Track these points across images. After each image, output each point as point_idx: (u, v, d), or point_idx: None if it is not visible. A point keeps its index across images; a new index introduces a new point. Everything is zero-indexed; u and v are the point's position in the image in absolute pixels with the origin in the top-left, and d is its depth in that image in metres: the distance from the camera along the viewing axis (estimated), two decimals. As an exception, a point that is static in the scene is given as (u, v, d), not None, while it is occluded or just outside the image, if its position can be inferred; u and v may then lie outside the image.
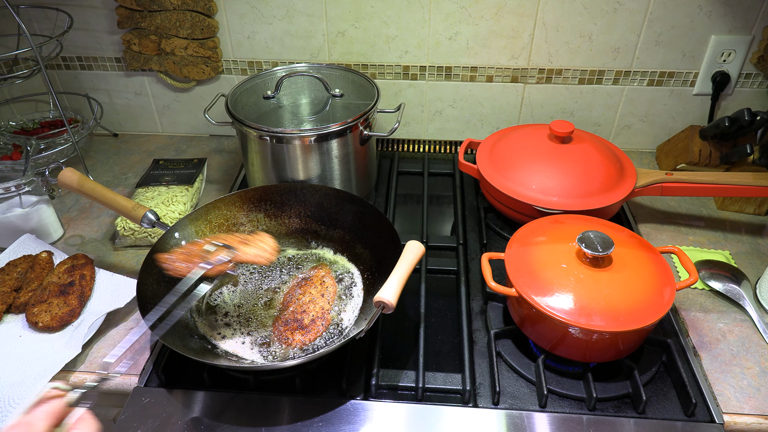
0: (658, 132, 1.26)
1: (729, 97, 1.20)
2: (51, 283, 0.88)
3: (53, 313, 0.84)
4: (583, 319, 0.70)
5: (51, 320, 0.83)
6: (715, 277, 0.92)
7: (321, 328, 0.82)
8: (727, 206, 1.09)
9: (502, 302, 0.89)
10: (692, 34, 1.12)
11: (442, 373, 0.79)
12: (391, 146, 1.32)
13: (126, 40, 1.20)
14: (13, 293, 0.88)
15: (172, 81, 1.26)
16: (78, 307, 0.85)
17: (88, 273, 0.90)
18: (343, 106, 1.03)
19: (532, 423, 0.72)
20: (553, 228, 0.85)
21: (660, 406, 0.74)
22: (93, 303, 0.88)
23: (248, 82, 1.09)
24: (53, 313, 0.84)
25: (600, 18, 1.11)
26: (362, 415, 0.73)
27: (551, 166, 0.98)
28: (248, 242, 0.79)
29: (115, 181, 1.20)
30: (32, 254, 0.94)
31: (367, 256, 0.92)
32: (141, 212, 0.88)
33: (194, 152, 1.30)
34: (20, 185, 0.97)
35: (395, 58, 1.20)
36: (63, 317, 0.84)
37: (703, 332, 0.85)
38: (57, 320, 0.83)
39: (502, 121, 1.27)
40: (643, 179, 1.00)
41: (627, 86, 1.20)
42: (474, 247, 1.02)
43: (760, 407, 0.74)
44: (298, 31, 1.18)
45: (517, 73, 1.20)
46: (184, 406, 0.74)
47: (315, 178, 1.01)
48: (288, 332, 0.81)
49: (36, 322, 0.83)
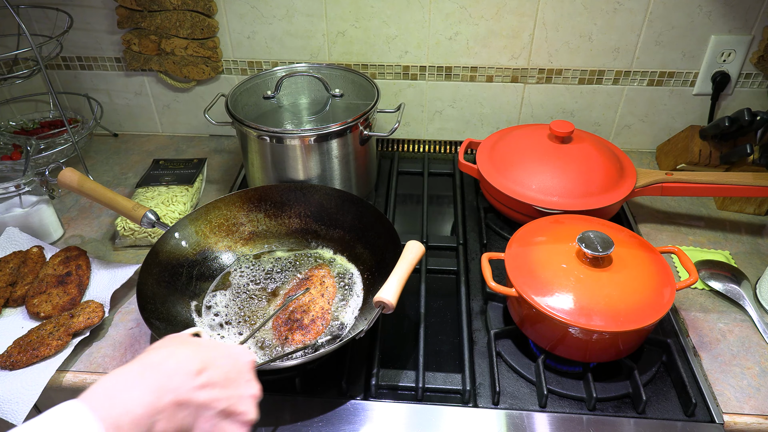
0: (658, 132, 1.26)
1: (729, 97, 1.20)
2: (47, 275, 0.89)
3: (54, 302, 0.85)
4: (583, 319, 0.70)
5: (53, 309, 0.84)
6: (715, 277, 0.92)
7: (321, 327, 0.82)
8: (727, 206, 1.09)
9: (502, 302, 0.89)
10: (692, 34, 1.12)
11: (442, 373, 0.79)
12: (391, 146, 1.32)
13: (126, 40, 1.20)
14: (8, 288, 0.89)
15: (172, 81, 1.26)
16: (78, 295, 0.87)
17: (84, 263, 0.92)
18: (343, 106, 1.03)
19: (532, 423, 0.72)
20: (553, 228, 0.85)
21: (660, 406, 0.74)
22: (92, 290, 0.90)
23: (248, 82, 1.09)
24: (54, 302, 0.85)
25: (600, 18, 1.11)
26: (362, 415, 0.73)
27: (551, 166, 0.98)
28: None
29: (115, 181, 1.20)
30: (22, 250, 0.95)
31: (367, 256, 0.92)
32: (141, 212, 0.88)
33: (194, 152, 1.30)
34: (20, 185, 0.97)
35: (395, 58, 1.20)
36: (64, 306, 0.85)
37: (703, 332, 0.85)
38: (58, 309, 0.85)
39: (502, 121, 1.27)
40: (643, 179, 1.00)
41: (627, 86, 1.20)
42: (474, 247, 1.01)
43: (760, 407, 0.74)
44: (298, 31, 1.18)
45: (517, 73, 1.20)
46: (184, 406, 0.74)
47: (315, 178, 1.01)
48: (288, 332, 0.81)
49: (38, 312, 0.84)
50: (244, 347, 0.54)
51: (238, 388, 0.49)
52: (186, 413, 0.43)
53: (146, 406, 0.40)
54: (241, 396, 0.49)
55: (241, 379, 0.50)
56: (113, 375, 0.42)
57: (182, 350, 0.46)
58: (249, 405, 0.49)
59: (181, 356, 0.45)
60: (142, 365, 0.43)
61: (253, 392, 0.51)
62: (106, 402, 0.40)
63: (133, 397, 0.40)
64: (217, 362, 0.47)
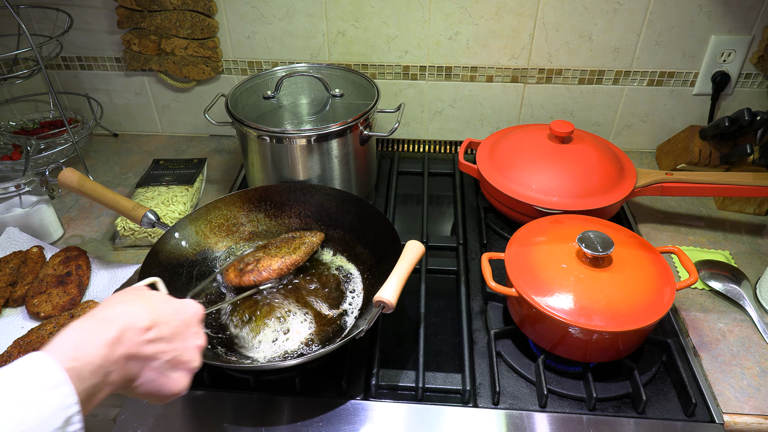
0: (658, 132, 1.26)
1: (729, 97, 1.20)
2: (47, 275, 0.89)
3: (54, 302, 0.85)
4: (583, 319, 0.70)
5: (53, 309, 0.85)
6: (715, 277, 0.92)
7: (265, 275, 0.85)
8: (727, 206, 1.09)
9: (502, 302, 0.89)
10: (692, 34, 1.12)
11: (442, 373, 0.79)
12: (391, 146, 1.32)
13: (126, 40, 1.20)
14: (8, 288, 0.89)
15: (172, 81, 1.26)
16: (78, 295, 0.87)
17: (84, 263, 0.92)
18: (343, 106, 1.03)
19: (532, 423, 0.72)
20: (553, 228, 0.85)
21: (660, 406, 0.74)
22: (92, 290, 0.90)
23: (248, 82, 1.09)
24: (54, 302, 0.85)
25: (600, 18, 1.11)
26: (362, 415, 0.73)
27: (551, 166, 0.98)
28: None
29: (115, 181, 1.20)
30: (22, 250, 0.95)
31: (367, 256, 0.92)
32: (141, 212, 0.88)
33: (194, 152, 1.30)
34: (20, 185, 0.97)
35: (395, 58, 1.20)
36: (64, 306, 0.85)
37: (703, 332, 0.85)
38: (59, 309, 0.85)
39: (502, 121, 1.27)
40: (643, 179, 1.00)
41: (627, 86, 1.20)
42: (474, 247, 1.01)
43: (760, 407, 0.74)
44: (298, 31, 1.18)
45: (517, 73, 1.20)
46: (184, 406, 0.74)
47: (315, 178, 1.01)
48: (238, 278, 0.86)
49: (38, 312, 0.84)
50: (194, 301, 0.59)
51: (184, 341, 0.54)
52: (134, 363, 0.49)
53: (103, 358, 0.45)
54: (186, 347, 0.54)
55: (187, 332, 0.55)
56: (73, 328, 0.47)
57: (135, 307, 0.51)
58: (193, 354, 0.55)
59: (134, 313, 0.50)
60: (99, 320, 0.48)
61: (199, 343, 0.56)
62: (70, 353, 0.44)
63: (91, 350, 0.45)
64: (166, 318, 0.53)
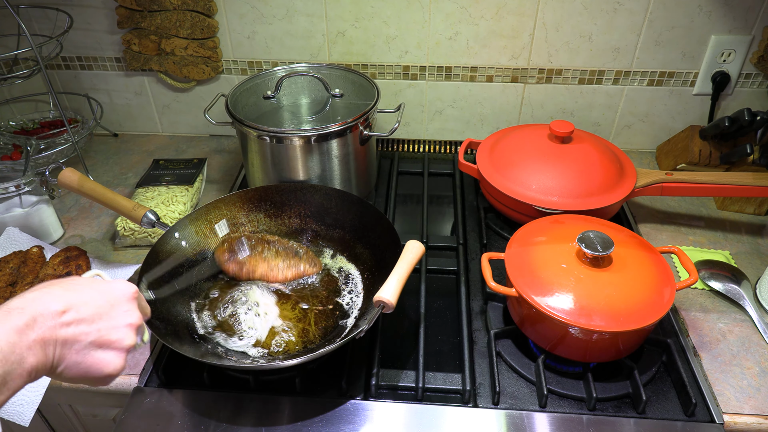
0: (658, 132, 1.26)
1: (729, 97, 1.20)
2: (48, 275, 0.89)
3: None
4: (583, 319, 0.70)
5: None
6: (715, 277, 0.92)
7: None
8: (727, 206, 1.09)
9: (502, 302, 0.89)
10: (692, 34, 1.12)
11: (442, 373, 0.79)
12: (391, 146, 1.32)
13: (126, 40, 1.20)
14: (9, 288, 0.88)
15: (172, 81, 1.26)
16: None
17: (84, 263, 0.91)
18: (343, 106, 1.03)
19: (532, 423, 0.72)
20: (553, 228, 0.85)
21: (660, 406, 0.74)
22: None
23: (248, 82, 1.09)
24: None
25: (600, 18, 1.11)
26: (362, 415, 0.73)
27: (551, 166, 0.98)
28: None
29: (115, 181, 1.20)
30: (22, 250, 0.95)
31: (367, 256, 0.92)
32: (141, 212, 0.88)
33: (194, 152, 1.30)
34: (20, 185, 0.97)
35: (395, 58, 1.20)
36: None
37: (703, 332, 0.85)
38: None
39: (502, 121, 1.27)
40: (643, 179, 1.00)
41: (627, 86, 1.20)
42: (474, 247, 1.01)
43: (760, 407, 0.74)
44: (298, 31, 1.18)
45: (517, 73, 1.20)
46: (184, 406, 0.74)
47: (315, 178, 1.01)
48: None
49: None
50: (126, 281, 0.58)
51: (110, 320, 0.54)
52: (52, 348, 0.49)
53: (12, 344, 0.45)
54: (113, 326, 0.54)
55: (114, 311, 0.55)
56: None
57: (49, 293, 0.51)
58: (123, 333, 0.54)
59: (45, 299, 0.50)
60: (8, 310, 0.48)
61: (130, 321, 0.56)
62: None
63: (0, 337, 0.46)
64: (86, 299, 0.53)
